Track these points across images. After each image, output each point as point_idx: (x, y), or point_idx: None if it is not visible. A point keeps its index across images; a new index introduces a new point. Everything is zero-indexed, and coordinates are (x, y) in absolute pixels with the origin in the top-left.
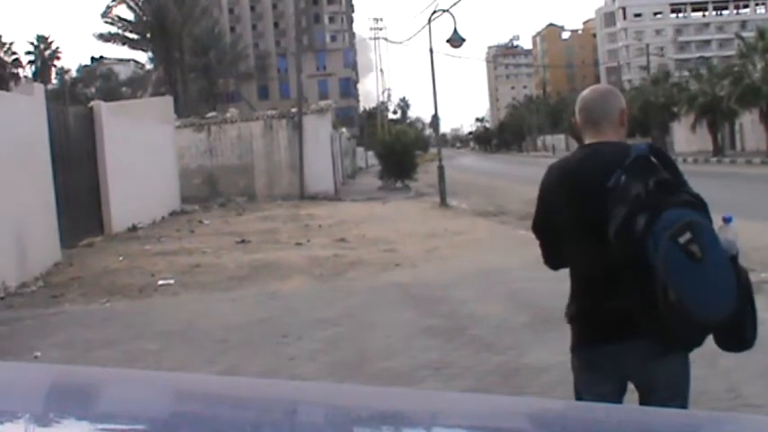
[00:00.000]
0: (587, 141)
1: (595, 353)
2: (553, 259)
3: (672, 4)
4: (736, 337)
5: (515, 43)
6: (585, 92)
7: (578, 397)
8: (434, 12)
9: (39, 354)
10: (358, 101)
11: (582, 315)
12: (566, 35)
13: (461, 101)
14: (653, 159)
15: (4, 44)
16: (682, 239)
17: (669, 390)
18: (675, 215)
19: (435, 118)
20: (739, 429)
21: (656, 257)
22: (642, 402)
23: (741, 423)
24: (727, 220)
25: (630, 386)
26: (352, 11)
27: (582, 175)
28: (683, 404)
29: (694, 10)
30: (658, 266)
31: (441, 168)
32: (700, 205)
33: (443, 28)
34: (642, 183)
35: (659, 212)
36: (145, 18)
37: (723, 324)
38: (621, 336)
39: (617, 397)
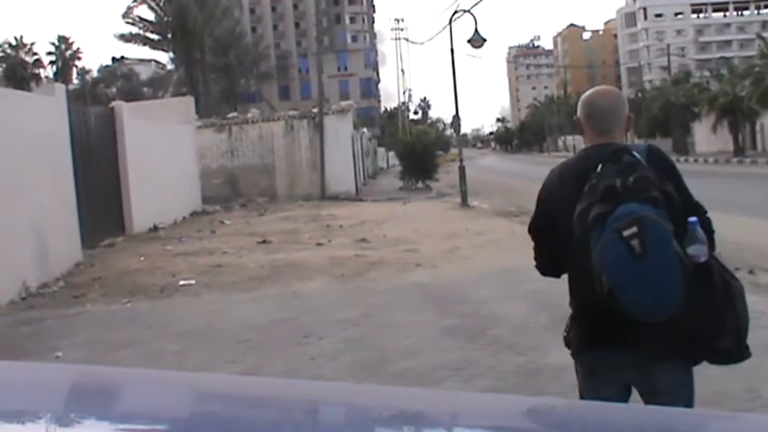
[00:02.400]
0: (591, 143)
1: (597, 358)
2: (544, 263)
3: (693, 5)
4: (708, 347)
5: (536, 43)
6: (594, 97)
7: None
8: (455, 12)
9: (60, 354)
10: (379, 101)
11: (582, 319)
12: (587, 35)
13: (482, 101)
14: (636, 155)
15: (26, 45)
16: (626, 232)
17: (672, 394)
18: (630, 209)
19: (456, 118)
20: (750, 429)
21: (596, 245)
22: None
23: (750, 422)
24: (691, 225)
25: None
26: (373, 11)
27: (578, 174)
28: (689, 407)
29: (715, 10)
30: (594, 255)
31: (462, 168)
32: (675, 205)
33: (464, 28)
34: (621, 177)
35: (617, 205)
36: (166, 18)
37: (678, 329)
38: (622, 341)
39: (622, 401)
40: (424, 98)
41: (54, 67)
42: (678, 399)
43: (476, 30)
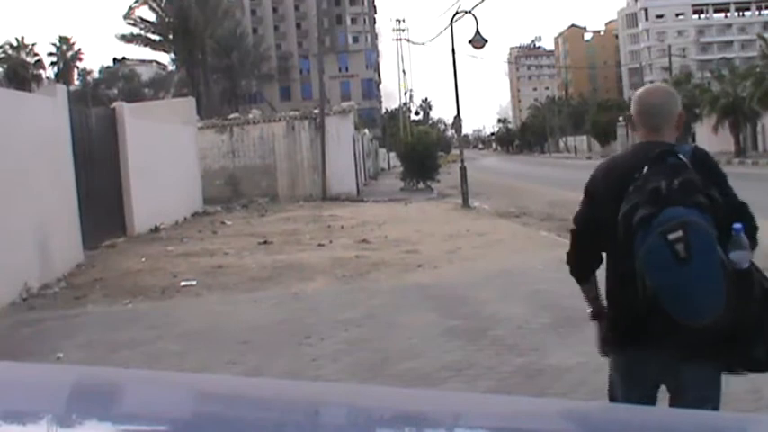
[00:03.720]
0: (641, 140)
1: (630, 357)
2: (578, 262)
3: (694, 6)
4: (742, 354)
5: (537, 44)
6: (646, 94)
7: (611, 397)
8: (457, 13)
9: (61, 355)
10: (380, 102)
11: (620, 320)
12: (588, 36)
13: (483, 102)
14: (681, 158)
15: (27, 45)
16: (671, 236)
17: (700, 396)
18: (676, 213)
19: (457, 119)
20: (753, 430)
21: (640, 249)
22: (672, 405)
23: (754, 423)
24: (736, 231)
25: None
26: (375, 12)
27: (623, 172)
28: (714, 409)
29: (716, 11)
30: (639, 258)
31: (463, 169)
32: (719, 210)
33: (466, 29)
34: (666, 179)
35: (663, 208)
36: (167, 19)
37: (711, 332)
38: (657, 341)
39: (650, 399)
40: (426, 99)
41: (55, 68)
42: (706, 401)
43: (477, 30)
